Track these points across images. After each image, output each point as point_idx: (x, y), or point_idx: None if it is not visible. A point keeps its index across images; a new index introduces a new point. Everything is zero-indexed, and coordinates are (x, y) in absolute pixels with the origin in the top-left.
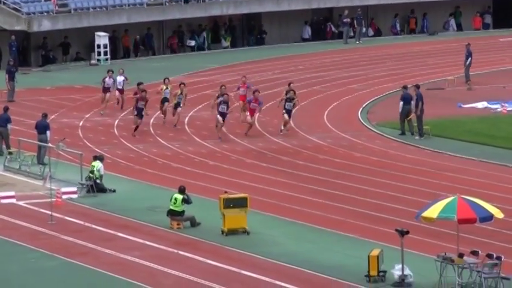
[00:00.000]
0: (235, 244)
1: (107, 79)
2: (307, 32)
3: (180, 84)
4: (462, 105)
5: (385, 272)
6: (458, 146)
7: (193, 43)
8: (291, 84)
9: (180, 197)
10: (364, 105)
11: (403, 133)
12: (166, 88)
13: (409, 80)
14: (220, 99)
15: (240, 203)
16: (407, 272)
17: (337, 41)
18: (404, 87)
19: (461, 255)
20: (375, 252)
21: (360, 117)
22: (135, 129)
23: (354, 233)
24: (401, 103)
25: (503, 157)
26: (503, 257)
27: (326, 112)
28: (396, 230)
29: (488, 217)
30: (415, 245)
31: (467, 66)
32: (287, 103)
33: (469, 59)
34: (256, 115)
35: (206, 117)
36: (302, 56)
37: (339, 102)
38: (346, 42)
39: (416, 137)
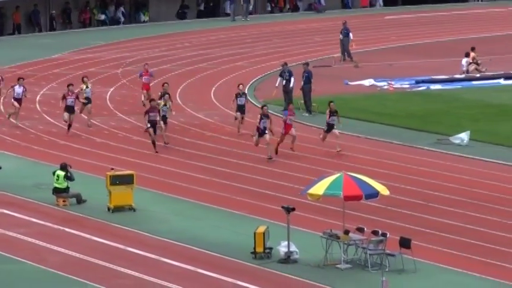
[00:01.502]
0: (121, 221)
1: (16, 87)
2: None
3: (163, 96)
4: (349, 83)
5: (271, 248)
6: (345, 123)
7: (103, 17)
8: (165, 85)
9: (62, 173)
10: (250, 83)
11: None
12: (87, 87)
13: (295, 58)
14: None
15: (126, 180)
16: (293, 248)
17: (224, 18)
18: (285, 64)
19: (346, 232)
20: (261, 229)
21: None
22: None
23: (241, 210)
24: (280, 79)
25: (389, 134)
26: (388, 233)
27: (213, 89)
28: (282, 207)
29: (373, 194)
30: (301, 222)
31: (346, 44)
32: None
33: (349, 35)
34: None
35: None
36: (189, 33)
37: (225, 80)
38: (234, 19)
39: (305, 114)
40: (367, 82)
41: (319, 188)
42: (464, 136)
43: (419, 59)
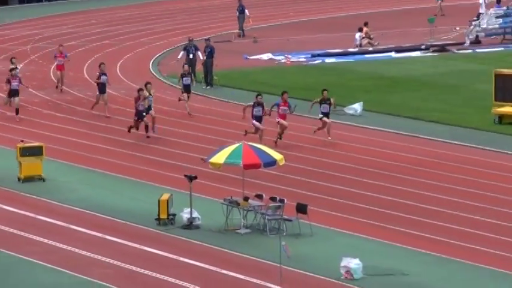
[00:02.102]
0: (31, 191)
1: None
2: None
3: (146, 84)
4: (248, 57)
5: (174, 215)
6: (244, 96)
7: None
8: (102, 65)
9: None
10: (154, 58)
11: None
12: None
13: (198, 34)
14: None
15: (35, 152)
16: (195, 215)
17: None
18: (190, 40)
19: (246, 199)
20: (165, 196)
21: (151, 69)
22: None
23: (146, 179)
24: (183, 53)
25: None
26: (285, 199)
27: (118, 64)
28: (185, 176)
29: (271, 162)
30: (202, 190)
31: (241, 21)
32: None
33: (245, 12)
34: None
35: None
36: (96, 11)
37: (130, 55)
38: None
39: (206, 87)
40: (266, 56)
41: (220, 157)
42: (357, 107)
43: (315, 34)
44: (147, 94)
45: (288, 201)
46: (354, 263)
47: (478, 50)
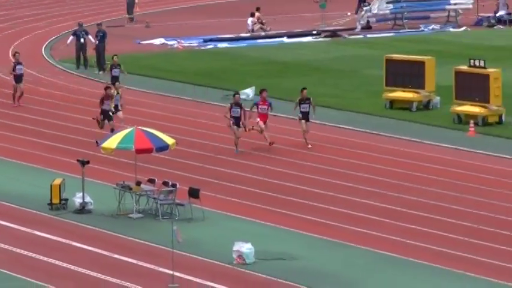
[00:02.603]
0: None
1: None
2: None
3: (114, 83)
4: (140, 42)
5: (66, 200)
6: (137, 80)
7: None
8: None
9: None
10: (47, 43)
11: (78, 67)
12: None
13: (90, 18)
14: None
15: None
16: (87, 199)
17: None
18: (80, 25)
19: (138, 183)
20: (57, 181)
21: (43, 53)
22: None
23: (38, 163)
24: (72, 37)
25: (179, 90)
26: (178, 184)
27: (10, 49)
28: (78, 160)
29: (164, 147)
30: (95, 174)
31: (131, 6)
32: None
33: None
34: None
35: None
36: None
37: (23, 40)
38: None
39: (98, 72)
40: (158, 41)
41: (112, 142)
42: (249, 91)
43: (207, 19)
44: (115, 93)
45: (180, 186)
46: (245, 248)
47: (369, 36)
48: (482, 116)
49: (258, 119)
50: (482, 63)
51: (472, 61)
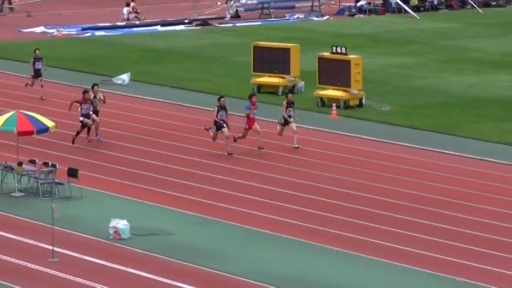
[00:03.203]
0: None
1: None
2: None
3: (93, 86)
4: (22, 30)
5: None
6: (19, 67)
7: None
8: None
9: None
10: None
11: None
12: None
13: None
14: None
15: None
16: None
17: None
18: None
19: (20, 164)
20: None
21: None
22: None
23: None
24: None
25: (60, 76)
26: (58, 164)
27: None
28: None
29: (44, 129)
30: None
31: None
32: None
33: None
34: None
35: None
36: None
37: None
38: None
39: None
40: (39, 29)
41: None
42: (125, 77)
43: (85, 9)
44: (92, 96)
45: (59, 166)
46: (121, 224)
47: (237, 24)
48: (343, 99)
49: (247, 125)
50: (343, 50)
51: (334, 48)
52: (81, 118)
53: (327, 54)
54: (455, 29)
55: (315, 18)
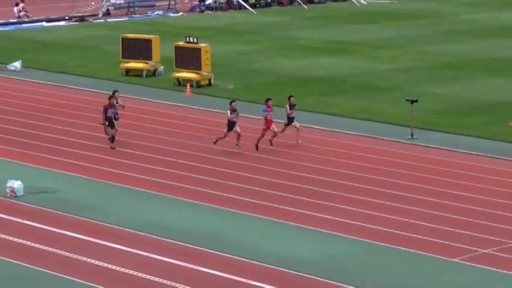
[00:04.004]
0: None
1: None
2: None
3: (114, 93)
4: None
5: None
6: None
7: None
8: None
9: None
10: None
11: None
12: None
13: None
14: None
15: None
16: None
17: None
18: None
19: None
20: None
21: None
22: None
23: None
24: None
25: None
26: None
27: None
28: None
29: None
30: None
31: None
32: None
33: None
34: None
35: None
36: None
37: None
38: None
39: None
40: None
41: None
42: (17, 64)
43: None
44: (114, 102)
45: None
46: (16, 184)
47: (108, 20)
48: (196, 80)
49: (265, 126)
50: (195, 40)
51: (187, 38)
52: (105, 122)
53: (181, 43)
54: (286, 22)
55: (172, 15)
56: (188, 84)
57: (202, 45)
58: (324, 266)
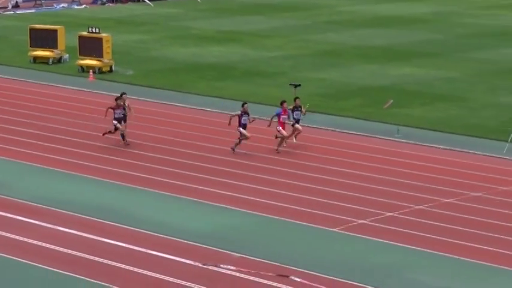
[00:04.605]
0: None
1: None
2: None
3: (122, 94)
4: None
5: None
6: None
7: None
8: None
9: None
10: None
11: None
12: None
13: None
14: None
15: None
16: None
17: None
18: None
19: None
20: None
21: None
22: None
23: None
24: None
25: None
26: None
27: None
28: None
29: None
30: None
31: None
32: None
33: None
34: None
35: None
36: None
37: None
38: None
39: None
40: None
41: None
42: None
43: None
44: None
45: None
46: None
47: (18, 12)
48: (98, 67)
49: (280, 128)
50: (97, 30)
51: (90, 28)
52: (114, 122)
53: (85, 33)
54: (180, 13)
55: (76, 7)
56: (91, 71)
57: (103, 35)
58: (216, 236)
